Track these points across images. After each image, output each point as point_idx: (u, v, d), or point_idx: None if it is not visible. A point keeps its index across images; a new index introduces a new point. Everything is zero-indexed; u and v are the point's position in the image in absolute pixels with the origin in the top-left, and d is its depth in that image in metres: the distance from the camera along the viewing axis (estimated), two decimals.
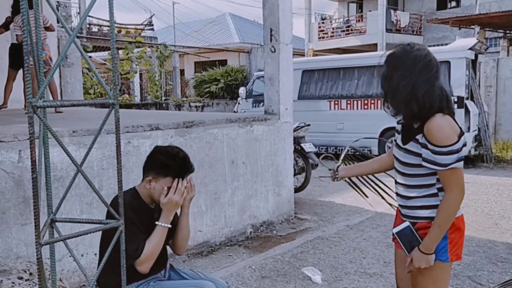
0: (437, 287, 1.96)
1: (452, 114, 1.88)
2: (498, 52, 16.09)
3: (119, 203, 1.40)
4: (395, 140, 2.05)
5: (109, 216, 1.64)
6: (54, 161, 3.01)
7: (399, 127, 2.04)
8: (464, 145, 1.84)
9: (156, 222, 2.19)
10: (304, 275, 3.63)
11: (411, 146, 1.90)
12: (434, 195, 1.91)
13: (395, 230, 2.01)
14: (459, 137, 1.82)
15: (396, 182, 2.05)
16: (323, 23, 22.74)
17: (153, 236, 2.16)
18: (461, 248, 1.96)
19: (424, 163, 1.86)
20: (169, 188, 2.17)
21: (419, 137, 1.87)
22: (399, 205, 2.05)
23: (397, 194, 2.06)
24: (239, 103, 11.39)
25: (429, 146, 1.82)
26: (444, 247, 1.90)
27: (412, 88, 1.82)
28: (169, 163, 2.19)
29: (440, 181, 1.88)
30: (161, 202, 2.18)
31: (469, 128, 8.51)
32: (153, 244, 2.15)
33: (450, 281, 3.49)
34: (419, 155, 1.87)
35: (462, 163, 1.83)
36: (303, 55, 20.15)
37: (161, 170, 2.19)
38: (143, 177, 2.26)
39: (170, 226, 2.21)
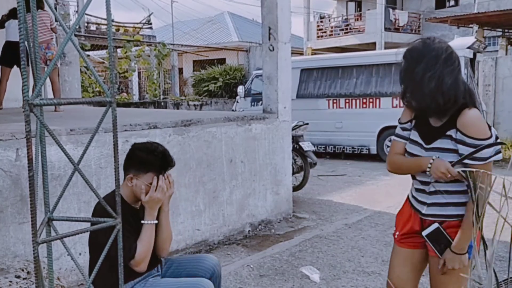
0: (460, 284, 1.92)
1: (478, 108, 1.83)
2: (497, 51, 16.11)
3: (116, 201, 1.40)
4: (412, 141, 1.97)
5: (101, 214, 1.63)
6: (52, 160, 3.01)
7: (407, 125, 1.98)
8: (497, 137, 1.81)
9: (142, 221, 2.19)
10: (302, 274, 3.63)
11: (441, 143, 1.85)
12: (465, 192, 1.86)
13: (425, 232, 1.94)
14: (490, 130, 1.79)
15: (414, 178, 2.00)
16: (321, 21, 22.73)
17: (142, 235, 2.17)
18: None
19: (466, 161, 1.79)
20: (150, 184, 2.16)
21: (451, 132, 1.82)
22: (420, 202, 1.97)
23: (417, 191, 1.99)
24: (237, 102, 11.38)
25: (468, 140, 1.77)
26: (471, 245, 1.86)
27: (438, 80, 1.76)
28: (149, 158, 2.18)
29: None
30: (142, 201, 2.18)
31: None
32: (144, 243, 2.15)
33: None
34: (454, 151, 1.82)
35: (500, 155, 1.79)
36: (301, 54, 20.16)
37: (141, 166, 2.18)
38: (124, 176, 2.23)
39: (156, 222, 2.21)
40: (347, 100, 9.72)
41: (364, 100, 9.48)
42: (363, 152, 9.60)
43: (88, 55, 14.06)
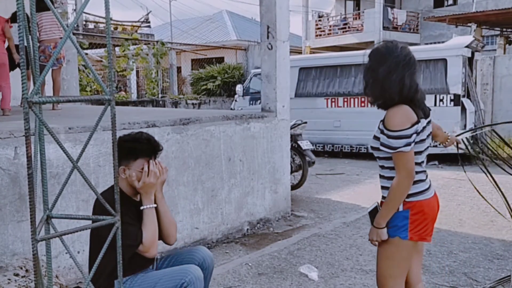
0: (392, 261, 2.14)
1: (414, 106, 2.04)
2: (495, 50, 16.13)
3: (115, 199, 1.40)
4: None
5: (101, 209, 1.64)
6: (50, 158, 3.01)
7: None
8: (416, 132, 2.00)
9: (141, 207, 2.24)
10: (301, 272, 3.64)
11: (376, 132, 2.13)
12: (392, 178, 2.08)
13: (368, 209, 2.22)
14: (412, 125, 1.99)
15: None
16: (320, 20, 22.72)
17: (145, 221, 2.22)
18: (426, 231, 2.10)
19: (381, 147, 2.06)
20: (142, 170, 2.21)
21: (380, 124, 2.10)
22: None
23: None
24: (236, 101, 11.38)
25: (384, 130, 2.03)
26: (404, 226, 2.07)
27: (400, 81, 2.00)
28: (135, 145, 2.24)
29: None
30: (137, 188, 2.23)
31: (465, 125, 8.54)
32: (149, 227, 2.20)
33: (446, 277, 3.52)
34: (379, 139, 2.09)
35: (409, 148, 1.98)
36: (300, 53, 20.13)
37: (129, 155, 2.23)
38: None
39: (155, 205, 2.26)
40: (345, 99, 9.73)
41: (363, 99, 9.49)
42: (361, 151, 9.62)
43: (86, 54, 14.03)
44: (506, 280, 3.41)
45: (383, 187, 2.17)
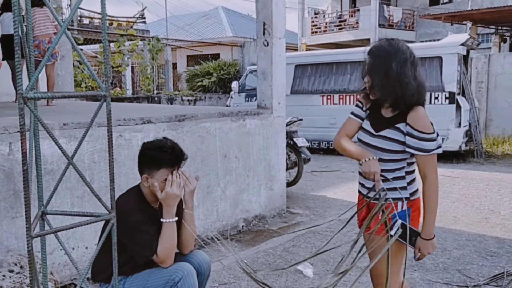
0: (394, 259, 2.10)
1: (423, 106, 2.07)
2: (490, 48, 16.18)
3: (111, 196, 1.40)
4: (363, 129, 2.17)
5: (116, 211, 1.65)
6: (45, 154, 2.99)
7: (361, 113, 2.20)
8: (437, 133, 2.03)
9: (161, 220, 2.18)
10: (296, 269, 3.65)
11: (389, 133, 2.05)
12: (402, 178, 2.09)
13: (395, 235, 2.05)
14: (433, 126, 2.02)
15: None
16: (316, 17, 22.70)
17: (162, 233, 2.17)
18: (417, 227, 2.13)
19: (408, 149, 2.02)
20: (165, 181, 2.16)
21: (400, 126, 2.03)
22: (368, 188, 2.17)
23: (365, 179, 2.16)
24: (231, 97, 11.36)
25: (415, 133, 1.98)
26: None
27: (407, 79, 1.98)
28: (158, 155, 2.18)
29: (410, 166, 2.09)
30: (159, 198, 2.18)
31: (460, 123, 8.58)
32: (165, 241, 2.15)
33: (440, 274, 3.53)
34: (400, 142, 2.03)
35: (441, 149, 2.02)
36: (296, 50, 20.13)
37: (152, 164, 2.19)
38: (141, 178, 2.25)
39: (175, 219, 2.20)
40: (341, 96, 9.74)
41: (358, 97, 9.49)
42: None
43: (81, 49, 13.95)
44: (499, 277, 3.44)
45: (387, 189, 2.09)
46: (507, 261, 3.79)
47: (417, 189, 2.12)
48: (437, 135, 2.02)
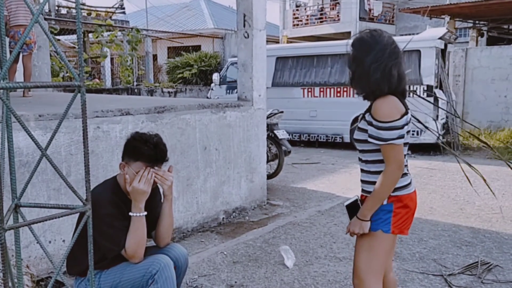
0: (373, 254, 2.09)
1: (401, 97, 2.02)
2: (467, 42, 16.46)
3: (86, 188, 1.38)
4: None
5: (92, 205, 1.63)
6: (20, 146, 2.93)
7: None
8: (407, 123, 1.98)
9: (130, 213, 2.17)
10: (275, 260, 3.67)
11: (362, 124, 2.07)
12: (378, 173, 2.04)
13: (346, 203, 2.15)
14: (402, 116, 1.95)
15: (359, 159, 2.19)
16: (297, 10, 22.71)
17: (130, 228, 2.16)
18: (407, 224, 2.09)
19: (369, 139, 2.00)
20: (137, 173, 2.15)
21: (367, 115, 2.05)
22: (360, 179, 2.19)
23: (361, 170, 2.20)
24: (212, 89, 11.31)
25: (374, 122, 1.97)
26: (387, 219, 2.05)
27: (383, 70, 1.96)
28: (140, 146, 2.19)
29: None
30: (129, 192, 2.18)
31: (437, 116, 8.72)
32: (133, 236, 2.15)
33: (416, 263, 3.61)
34: (366, 131, 2.03)
35: (401, 140, 1.95)
36: (277, 42, 20.11)
37: (132, 154, 2.20)
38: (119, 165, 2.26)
39: (144, 213, 2.19)
40: (321, 89, 9.79)
41: (338, 89, 9.57)
42: (337, 141, 9.72)
43: (59, 40, 13.67)
44: (474, 266, 3.53)
45: (365, 182, 2.11)
46: (481, 250, 3.89)
47: (404, 185, 2.06)
48: (406, 124, 1.97)
